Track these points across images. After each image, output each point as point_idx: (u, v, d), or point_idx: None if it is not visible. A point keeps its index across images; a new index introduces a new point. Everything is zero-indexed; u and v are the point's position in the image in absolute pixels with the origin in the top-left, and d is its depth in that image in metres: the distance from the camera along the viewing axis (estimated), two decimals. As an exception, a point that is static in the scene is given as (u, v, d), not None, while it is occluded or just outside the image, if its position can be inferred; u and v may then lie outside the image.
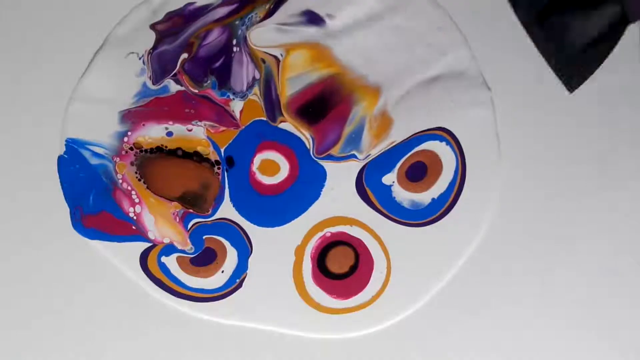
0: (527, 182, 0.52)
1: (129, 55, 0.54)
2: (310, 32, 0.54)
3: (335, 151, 0.53)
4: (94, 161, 0.53)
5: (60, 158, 0.53)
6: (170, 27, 0.55)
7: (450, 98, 0.53)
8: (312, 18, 0.54)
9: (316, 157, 0.53)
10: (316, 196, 0.53)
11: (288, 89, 0.53)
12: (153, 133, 0.53)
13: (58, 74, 0.54)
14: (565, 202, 0.52)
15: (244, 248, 0.52)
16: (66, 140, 0.53)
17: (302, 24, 0.54)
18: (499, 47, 0.54)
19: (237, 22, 0.54)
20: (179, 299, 0.52)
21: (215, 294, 0.52)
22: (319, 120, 0.53)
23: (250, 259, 0.52)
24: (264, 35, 0.54)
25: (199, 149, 0.53)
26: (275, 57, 0.54)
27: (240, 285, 0.52)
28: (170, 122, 0.53)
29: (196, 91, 0.54)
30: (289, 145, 0.54)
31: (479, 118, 0.53)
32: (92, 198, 0.52)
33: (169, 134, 0.53)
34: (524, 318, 0.51)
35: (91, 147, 0.53)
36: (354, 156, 0.53)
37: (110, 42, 0.54)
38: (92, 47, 0.54)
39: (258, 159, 0.54)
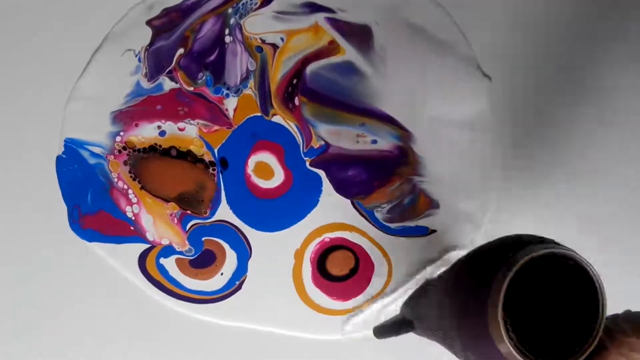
0: (526, 182, 0.51)
1: (125, 53, 0.53)
2: (317, 17, 0.53)
3: (315, 142, 0.52)
4: (92, 161, 0.52)
5: (58, 158, 0.52)
6: (167, 22, 0.54)
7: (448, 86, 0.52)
8: (318, 8, 0.53)
9: (305, 155, 0.52)
10: (314, 203, 0.52)
11: (280, 70, 0.52)
12: (146, 133, 0.52)
13: (57, 74, 0.53)
14: (566, 201, 0.51)
15: (244, 251, 0.51)
16: (65, 140, 0.52)
17: (305, 13, 0.53)
18: (499, 45, 0.52)
19: (229, 11, 0.53)
20: (178, 301, 0.51)
21: (215, 296, 0.51)
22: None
23: (249, 262, 0.51)
24: (261, 23, 0.53)
25: (192, 148, 0.52)
26: (273, 44, 0.53)
27: (239, 288, 0.51)
28: (163, 121, 0.52)
29: (191, 89, 0.53)
30: (280, 143, 0.52)
31: (477, 109, 0.52)
32: (90, 197, 0.52)
33: (162, 133, 0.52)
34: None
35: (90, 147, 0.52)
36: None
37: (108, 41, 0.53)
38: (91, 47, 0.53)
39: (252, 160, 0.52)
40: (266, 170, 0.52)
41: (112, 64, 0.53)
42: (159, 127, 0.52)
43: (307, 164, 0.52)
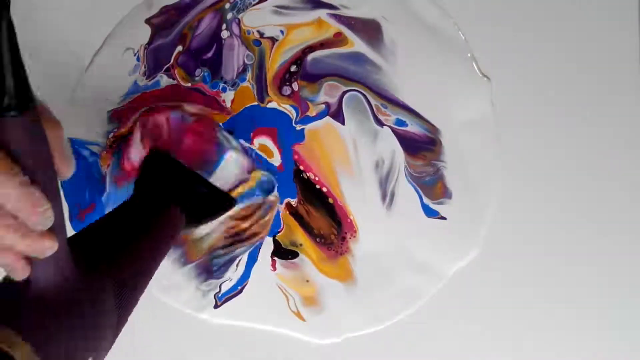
0: (527, 182, 0.51)
1: (125, 52, 0.53)
2: (319, 12, 0.53)
3: (312, 111, 0.52)
4: (91, 159, 0.52)
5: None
6: (165, 20, 0.53)
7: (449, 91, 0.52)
8: (320, 4, 0.53)
9: (297, 124, 0.52)
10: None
11: (279, 60, 0.52)
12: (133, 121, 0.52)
13: (61, 75, 0.53)
14: (567, 202, 0.51)
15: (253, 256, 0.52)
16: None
17: (307, 9, 0.53)
18: (499, 48, 0.52)
19: (227, 7, 0.53)
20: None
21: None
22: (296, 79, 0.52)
23: (254, 267, 0.52)
24: (260, 18, 0.53)
25: None
26: (271, 38, 0.52)
27: (240, 292, 0.51)
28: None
29: (188, 84, 0.52)
30: (275, 126, 0.52)
31: (478, 112, 0.52)
32: (87, 194, 0.52)
33: None
34: (522, 318, 0.50)
35: (89, 147, 0.52)
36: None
37: (109, 41, 0.53)
38: (94, 48, 0.53)
39: (255, 143, 0.52)
40: (267, 150, 0.52)
41: (112, 64, 0.53)
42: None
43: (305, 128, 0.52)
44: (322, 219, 0.51)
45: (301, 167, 0.51)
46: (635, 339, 0.50)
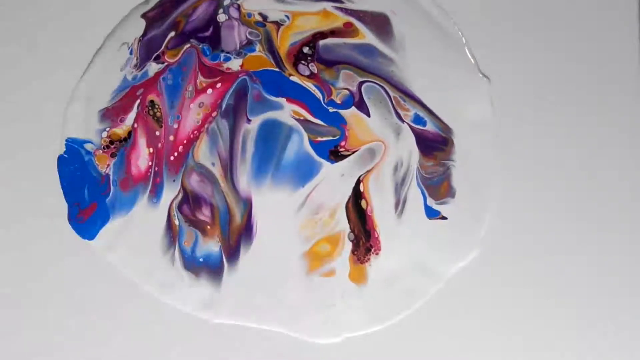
0: (527, 182, 0.51)
1: (121, 47, 0.53)
2: (323, 5, 0.53)
3: (335, 97, 0.51)
4: (86, 158, 0.52)
5: (60, 157, 0.52)
6: (161, 12, 0.53)
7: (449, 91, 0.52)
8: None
9: (327, 106, 0.51)
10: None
11: (287, 42, 0.52)
12: (129, 122, 0.52)
13: (63, 75, 0.53)
14: (568, 202, 0.51)
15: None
16: (66, 140, 0.52)
17: (311, 0, 0.53)
18: (499, 48, 0.52)
19: None
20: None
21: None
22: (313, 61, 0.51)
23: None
24: (261, 3, 0.53)
25: None
26: (276, 22, 0.52)
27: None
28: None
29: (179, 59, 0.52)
30: (303, 101, 0.51)
31: (478, 112, 0.52)
32: (86, 193, 0.52)
33: None
34: (523, 318, 0.50)
35: (86, 145, 0.52)
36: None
37: (108, 40, 0.53)
38: (92, 47, 0.53)
39: (288, 109, 0.51)
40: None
41: (108, 62, 0.53)
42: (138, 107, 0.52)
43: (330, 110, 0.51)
44: (355, 221, 0.51)
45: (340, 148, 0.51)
46: (635, 339, 0.50)
